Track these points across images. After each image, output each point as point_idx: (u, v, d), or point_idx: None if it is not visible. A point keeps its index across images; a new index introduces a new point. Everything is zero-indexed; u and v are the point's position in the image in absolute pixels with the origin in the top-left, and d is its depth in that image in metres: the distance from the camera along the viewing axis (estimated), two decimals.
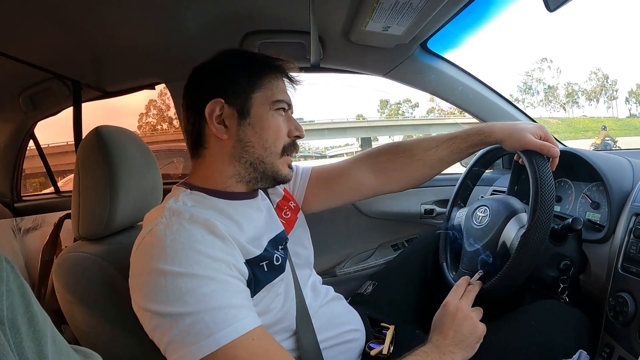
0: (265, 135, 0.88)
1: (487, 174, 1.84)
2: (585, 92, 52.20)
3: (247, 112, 0.87)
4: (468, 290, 0.99)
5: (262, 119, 0.88)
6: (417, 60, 1.56)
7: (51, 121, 2.13)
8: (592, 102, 51.41)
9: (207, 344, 0.65)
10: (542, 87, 57.80)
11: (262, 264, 0.84)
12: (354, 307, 1.11)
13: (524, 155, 1.03)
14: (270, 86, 0.90)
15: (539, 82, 57.85)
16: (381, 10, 1.14)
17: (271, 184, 0.96)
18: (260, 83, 0.89)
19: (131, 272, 0.75)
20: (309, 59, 1.50)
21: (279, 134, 0.90)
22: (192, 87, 0.91)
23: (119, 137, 0.94)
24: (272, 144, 0.89)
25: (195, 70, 0.92)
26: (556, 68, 57.16)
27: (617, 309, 0.93)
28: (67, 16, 1.16)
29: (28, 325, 0.41)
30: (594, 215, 1.18)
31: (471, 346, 0.90)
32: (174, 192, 0.88)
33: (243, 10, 1.25)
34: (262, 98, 0.89)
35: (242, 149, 0.88)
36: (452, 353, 0.87)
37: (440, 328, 0.92)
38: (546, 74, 57.42)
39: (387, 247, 1.92)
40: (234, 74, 0.89)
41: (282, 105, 0.91)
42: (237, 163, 0.89)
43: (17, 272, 0.43)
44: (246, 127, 0.87)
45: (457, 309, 0.93)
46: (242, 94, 0.87)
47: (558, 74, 56.69)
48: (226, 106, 0.86)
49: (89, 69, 1.57)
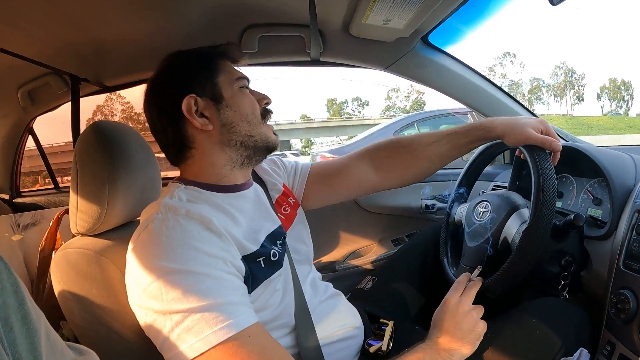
0: (244, 110, 0.91)
1: (488, 169, 1.83)
2: (550, 87, 51.43)
3: (220, 96, 0.90)
4: (469, 287, 0.98)
5: (234, 98, 0.91)
6: (418, 54, 1.54)
7: (52, 118, 2.12)
8: (557, 98, 50.77)
9: (203, 341, 0.64)
10: (507, 83, 56.58)
11: (259, 260, 0.84)
12: (353, 302, 1.11)
13: (526, 150, 1.02)
14: (227, 68, 0.94)
15: (503, 77, 56.70)
16: (382, 3, 1.13)
17: (264, 155, 0.97)
18: (218, 69, 0.92)
19: (127, 268, 0.75)
20: (309, 53, 1.49)
21: (253, 104, 0.94)
22: (157, 98, 0.92)
23: (118, 132, 0.94)
24: (252, 116, 0.92)
25: (152, 82, 0.94)
26: (519, 63, 56.28)
27: (619, 306, 0.93)
28: (65, 10, 1.14)
29: (21, 323, 0.41)
30: (596, 211, 1.17)
31: (471, 343, 0.89)
32: (169, 188, 0.89)
33: (243, 3, 1.24)
34: (226, 80, 0.92)
35: (229, 131, 0.90)
36: (451, 350, 0.86)
37: (440, 325, 0.91)
38: (509, 69, 56.54)
39: (387, 243, 1.92)
40: (192, 69, 0.91)
41: (243, 82, 0.95)
42: (227, 148, 0.90)
43: (11, 270, 0.42)
44: (225, 110, 0.90)
45: (458, 306, 0.92)
46: (208, 82, 0.90)
47: (522, 69, 55.74)
48: (199, 99, 0.88)
49: (87, 63, 1.55)
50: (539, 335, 0.95)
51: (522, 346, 0.95)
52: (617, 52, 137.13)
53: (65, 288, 0.84)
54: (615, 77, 54.89)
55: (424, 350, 0.85)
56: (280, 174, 1.13)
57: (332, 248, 1.91)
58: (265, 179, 1.09)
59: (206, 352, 0.64)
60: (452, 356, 0.86)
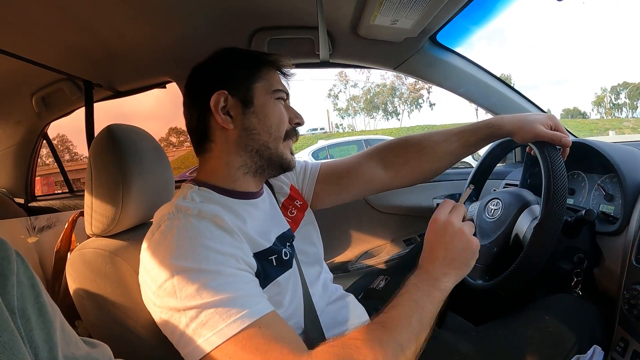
0: (269, 122, 0.91)
1: (500, 168, 1.83)
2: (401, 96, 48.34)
3: (251, 102, 0.90)
4: (456, 206, 0.89)
5: (264, 107, 0.91)
6: (427, 54, 1.55)
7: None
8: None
9: (218, 334, 0.65)
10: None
11: (271, 258, 0.84)
12: (366, 302, 1.11)
13: (536, 146, 1.02)
14: (269, 77, 0.94)
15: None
16: (389, 3, 1.14)
17: (277, 171, 0.97)
18: (259, 75, 0.92)
19: (141, 268, 0.77)
20: (318, 55, 1.50)
21: (282, 119, 0.93)
22: (193, 84, 0.95)
23: (131, 135, 0.95)
24: (275, 129, 0.92)
25: (195, 68, 0.96)
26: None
27: (632, 302, 0.92)
28: (77, 17, 1.17)
29: (38, 315, 0.43)
30: (608, 207, 1.17)
31: (465, 263, 0.82)
32: (182, 189, 0.90)
33: (252, 6, 1.26)
34: (263, 88, 0.92)
35: (248, 137, 0.90)
36: (444, 275, 0.80)
37: (429, 250, 0.84)
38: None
39: (399, 242, 1.92)
40: (234, 68, 0.92)
41: (281, 94, 0.94)
42: (243, 152, 0.91)
43: (27, 265, 0.44)
44: (250, 116, 0.90)
45: (446, 225, 0.84)
46: (244, 85, 0.90)
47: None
48: (230, 97, 0.89)
49: (99, 68, 1.58)
50: (553, 332, 0.95)
51: (535, 343, 0.94)
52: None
53: (80, 287, 0.86)
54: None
55: (415, 286, 0.78)
56: (288, 176, 1.13)
57: (345, 248, 1.92)
58: (272, 182, 1.09)
59: (223, 344, 0.65)
60: (448, 281, 0.80)
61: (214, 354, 0.65)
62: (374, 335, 0.68)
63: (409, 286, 0.79)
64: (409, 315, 0.73)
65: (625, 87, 47.36)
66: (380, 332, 0.69)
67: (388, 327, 0.70)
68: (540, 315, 1.00)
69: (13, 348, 0.36)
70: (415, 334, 0.71)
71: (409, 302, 0.75)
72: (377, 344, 0.66)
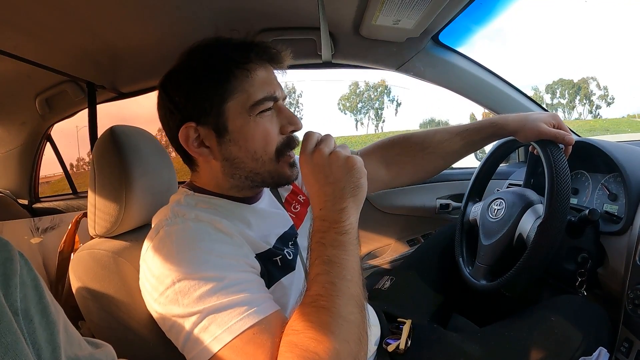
0: (252, 146, 0.79)
1: (503, 168, 1.83)
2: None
3: (224, 128, 0.78)
4: (324, 136, 0.78)
5: (242, 130, 0.78)
6: (429, 54, 1.55)
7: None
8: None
9: (223, 336, 0.64)
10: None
11: (276, 259, 0.83)
12: (371, 302, 1.10)
13: (538, 145, 1.02)
14: (243, 88, 0.77)
15: None
16: (391, 3, 1.14)
17: (275, 187, 0.95)
18: (231, 89, 0.77)
19: (141, 275, 0.76)
20: (320, 55, 1.50)
21: (268, 139, 0.79)
22: (161, 112, 0.84)
23: (134, 137, 0.95)
24: (262, 153, 0.79)
25: (160, 91, 0.83)
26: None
27: (636, 302, 0.92)
28: (80, 18, 1.17)
29: (41, 316, 0.43)
30: (612, 206, 1.16)
31: (357, 186, 0.72)
32: (177, 194, 0.87)
33: (254, 8, 1.26)
34: (237, 106, 0.77)
35: (232, 166, 0.81)
36: (342, 212, 0.70)
37: (313, 193, 0.75)
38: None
39: (403, 243, 1.93)
40: (199, 88, 0.78)
41: (264, 105, 0.78)
42: (231, 179, 0.83)
43: (31, 266, 0.44)
44: (228, 145, 0.79)
45: (314, 155, 0.74)
46: (213, 109, 0.77)
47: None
48: (200, 127, 0.78)
49: (103, 70, 1.58)
50: (559, 333, 0.94)
51: (540, 345, 0.93)
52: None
53: (83, 286, 0.86)
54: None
55: (319, 243, 0.69)
56: None
57: None
58: None
59: (228, 345, 0.63)
60: (349, 216, 0.71)
61: (220, 355, 0.64)
62: (313, 320, 0.62)
63: (314, 247, 0.70)
64: (333, 282, 0.65)
65: (561, 85, 45.58)
66: (316, 314, 0.62)
67: (320, 305, 0.63)
68: (545, 316, 0.99)
69: (16, 349, 0.36)
70: (349, 295, 0.65)
71: (323, 266, 0.67)
72: (322, 330, 0.60)
